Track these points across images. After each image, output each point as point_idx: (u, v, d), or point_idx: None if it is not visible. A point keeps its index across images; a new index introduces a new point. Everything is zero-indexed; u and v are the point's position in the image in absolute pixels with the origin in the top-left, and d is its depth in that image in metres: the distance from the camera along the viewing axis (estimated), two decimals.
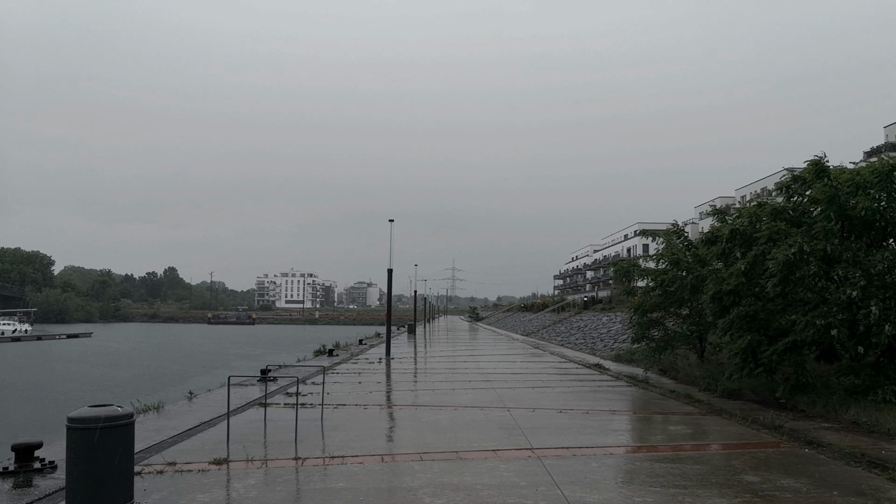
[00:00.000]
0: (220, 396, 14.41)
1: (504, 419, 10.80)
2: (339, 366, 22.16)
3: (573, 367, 21.35)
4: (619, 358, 23.50)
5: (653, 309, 18.01)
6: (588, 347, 30.37)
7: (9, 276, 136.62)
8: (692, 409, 12.08)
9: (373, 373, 19.61)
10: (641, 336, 18.45)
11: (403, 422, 10.99)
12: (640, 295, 18.90)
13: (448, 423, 10.52)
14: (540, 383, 16.50)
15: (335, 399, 13.50)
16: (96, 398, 26.31)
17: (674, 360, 18.32)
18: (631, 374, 18.55)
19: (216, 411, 12.05)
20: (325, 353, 27.95)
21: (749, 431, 9.74)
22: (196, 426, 10.56)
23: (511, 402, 12.84)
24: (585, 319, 44.25)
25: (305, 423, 10.50)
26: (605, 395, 14.52)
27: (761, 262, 12.26)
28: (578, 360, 24.44)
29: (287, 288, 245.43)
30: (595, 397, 13.98)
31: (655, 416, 11.44)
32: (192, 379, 32.90)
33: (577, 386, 16.03)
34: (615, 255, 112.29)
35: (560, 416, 11.21)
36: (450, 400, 13.30)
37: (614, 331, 32.72)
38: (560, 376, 18.50)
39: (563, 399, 13.54)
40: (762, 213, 13.18)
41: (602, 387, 15.86)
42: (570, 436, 9.42)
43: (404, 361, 24.42)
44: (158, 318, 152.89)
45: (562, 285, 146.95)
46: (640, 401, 13.66)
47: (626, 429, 10.44)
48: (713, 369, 15.74)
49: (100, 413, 5.62)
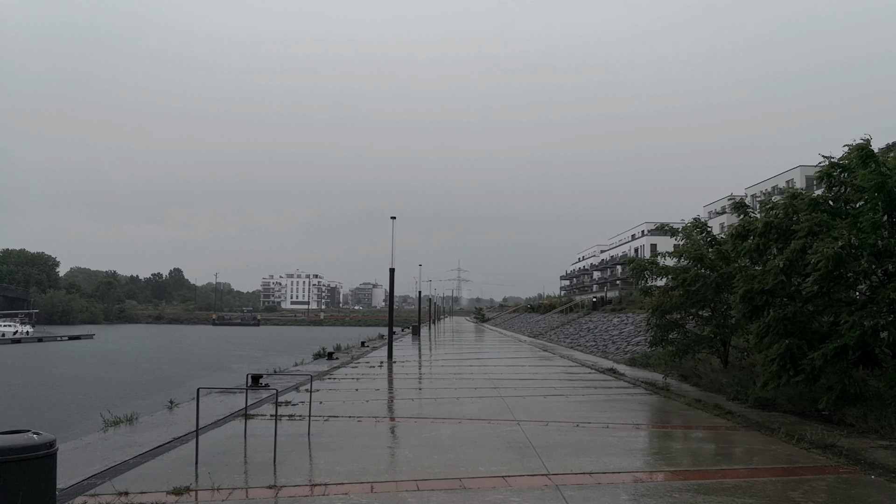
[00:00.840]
0: (207, 404, 13.23)
1: (514, 435, 9.55)
2: (337, 370, 20.96)
3: (585, 373, 20.07)
4: (635, 362, 22.20)
5: (672, 310, 16.71)
6: (599, 350, 29.06)
7: (13, 278, 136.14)
8: (725, 423, 10.79)
9: (372, 378, 18.38)
10: (660, 339, 17.15)
11: (401, 438, 9.76)
12: (659, 295, 17.60)
13: (451, 440, 9.28)
14: (551, 391, 15.24)
15: (327, 409, 12.29)
16: (74, 402, 25.14)
17: (695, 366, 17.01)
18: (649, 379, 17.26)
19: (200, 422, 10.86)
20: (324, 357, 26.76)
21: (798, 451, 8.45)
22: (167, 442, 9.37)
23: (521, 414, 11.59)
24: (595, 321, 42.92)
25: (290, 440, 9.29)
26: (624, 404, 13.24)
27: (801, 258, 10.96)
28: (590, 364, 23.15)
29: (292, 289, 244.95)
30: (613, 407, 12.70)
31: (685, 432, 10.16)
32: (187, 382, 31.78)
33: (591, 394, 14.75)
34: (623, 255, 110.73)
35: (577, 432, 9.95)
36: (454, 411, 12.06)
37: (626, 333, 31.40)
38: (572, 383, 17.23)
39: (578, 410, 12.27)
40: (799, 204, 11.88)
41: (620, 395, 14.58)
42: (591, 457, 8.17)
43: (406, 365, 23.19)
44: (163, 320, 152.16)
45: (568, 286, 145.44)
46: (665, 412, 12.37)
47: (655, 447, 9.15)
48: (741, 376, 14.44)
49: (3, 443, 4.41)
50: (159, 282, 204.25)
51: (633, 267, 17.55)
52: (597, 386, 16.34)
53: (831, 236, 10.47)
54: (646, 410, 12.62)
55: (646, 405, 13.20)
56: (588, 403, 13.20)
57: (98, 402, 22.28)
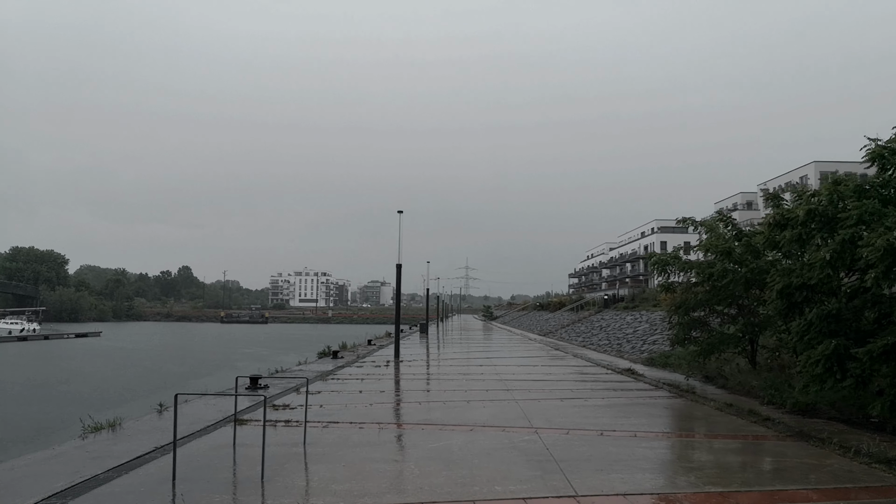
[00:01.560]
0: (198, 409, 12.34)
1: (532, 446, 8.56)
2: (341, 370, 20.04)
3: (602, 373, 19.04)
4: (653, 362, 21.14)
5: (697, 307, 15.65)
6: (614, 349, 27.99)
7: (23, 275, 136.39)
8: (765, 432, 9.75)
9: (377, 379, 17.44)
10: (683, 338, 16.10)
11: (406, 449, 8.79)
12: (681, 291, 16.55)
13: (462, 451, 8.31)
14: (568, 393, 14.23)
15: (328, 414, 11.35)
16: (66, 403, 24.24)
17: (720, 366, 15.96)
18: (671, 381, 16.22)
19: (186, 429, 9.94)
20: (328, 356, 25.83)
21: (858, 467, 7.42)
22: (148, 452, 8.44)
23: (538, 420, 10.60)
24: (607, 318, 41.81)
25: (283, 451, 8.35)
26: (649, 409, 12.22)
27: (849, 250, 9.91)
28: (606, 363, 22.11)
29: (301, 287, 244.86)
30: (638, 413, 11.68)
31: (723, 442, 9.13)
32: (189, 382, 31.04)
33: (612, 397, 13.74)
34: (632, 253, 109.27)
35: (602, 442, 8.95)
36: (464, 416, 11.08)
37: (641, 331, 30.31)
38: (589, 384, 16.21)
39: (600, 415, 11.27)
40: (845, 190, 10.81)
41: (642, 398, 13.55)
42: (621, 473, 7.17)
43: (414, 365, 22.24)
44: (172, 317, 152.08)
45: (577, 284, 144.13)
46: (695, 418, 11.33)
47: (693, 461, 8.13)
48: (773, 378, 13.38)
49: None
50: (168, 279, 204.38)
51: (655, 262, 16.49)
52: (616, 388, 15.32)
53: (884, 225, 9.42)
54: (674, 416, 11.60)
55: (673, 410, 12.17)
56: (610, 408, 12.18)
57: (91, 403, 21.51)
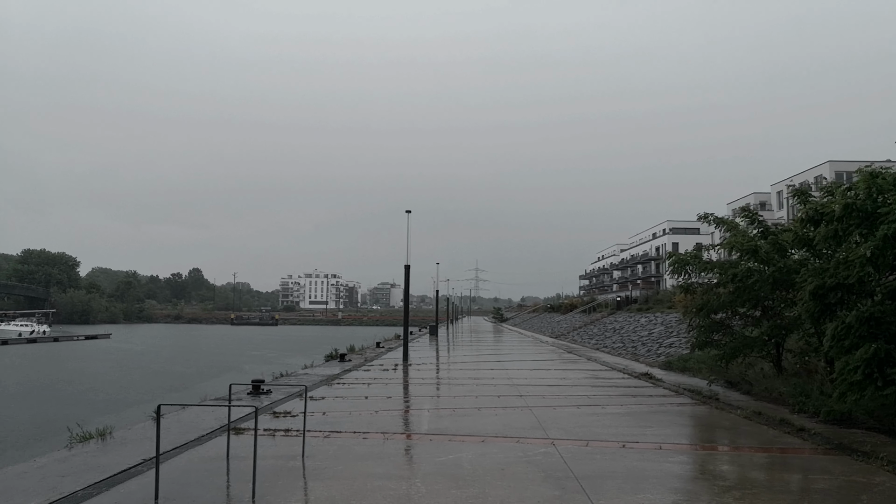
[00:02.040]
0: (195, 416, 11.73)
1: (550, 461, 7.86)
2: (347, 374, 19.42)
3: (618, 377, 18.28)
4: (670, 366, 20.35)
5: (719, 309, 14.88)
6: (629, 352, 27.20)
7: (34, 277, 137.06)
8: (802, 444, 9.00)
9: (384, 383, 16.79)
10: (704, 341, 15.33)
11: (412, 463, 8.12)
12: (701, 292, 15.78)
13: (473, 466, 7.63)
14: (585, 399, 13.51)
15: (330, 422, 10.71)
16: (65, 407, 23.69)
17: (744, 371, 15.17)
18: (691, 386, 15.46)
19: (179, 439, 9.36)
20: (335, 359, 25.23)
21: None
22: (135, 465, 7.84)
23: (554, 430, 9.90)
24: (620, 321, 40.96)
25: (278, 464, 7.72)
26: (672, 417, 11.48)
27: (892, 246, 9.15)
28: (622, 367, 21.34)
29: (311, 289, 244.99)
30: (661, 422, 10.95)
31: (758, 456, 8.38)
32: (195, 385, 30.57)
33: (631, 404, 13.00)
34: (644, 255, 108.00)
35: (626, 455, 8.23)
36: (475, 425, 10.40)
37: (656, 334, 29.48)
38: (606, 389, 15.48)
39: (620, 424, 10.54)
40: (883, 183, 10.03)
41: (664, 405, 12.80)
42: (651, 493, 6.46)
43: (422, 368, 21.58)
44: (182, 319, 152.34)
45: (588, 285, 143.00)
46: (723, 428, 10.57)
47: (730, 479, 7.35)
48: (802, 384, 12.58)
49: None
50: (179, 282, 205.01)
51: (674, 262, 15.72)
52: (635, 394, 14.57)
53: None
54: (700, 426, 10.85)
55: (697, 419, 11.41)
56: (629, 416, 11.45)
57: (91, 406, 21.03)
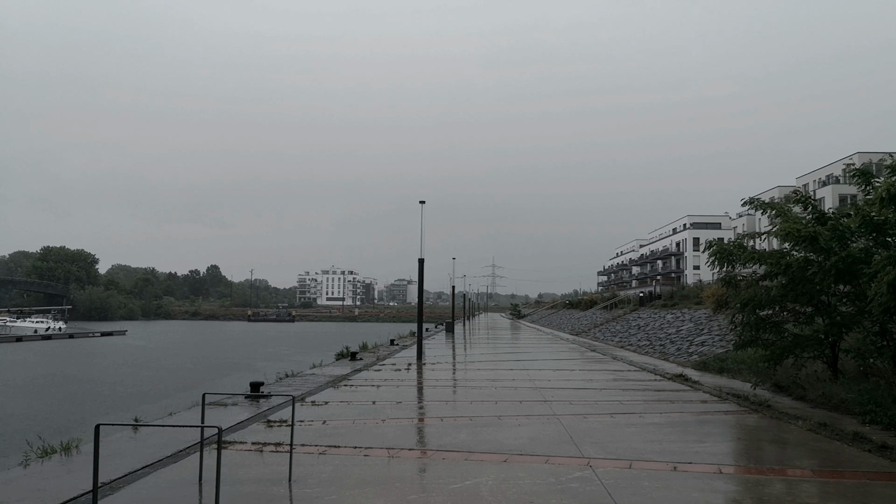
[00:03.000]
0: (181, 422, 10.48)
1: (589, 489, 6.41)
2: (357, 374, 18.12)
3: (651, 379, 16.75)
4: (706, 366, 18.75)
5: (769, 304, 13.27)
6: (657, 351, 25.58)
7: (54, 275, 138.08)
8: (892, 466, 7.45)
9: (395, 386, 15.42)
10: (749, 340, 13.75)
11: (419, 492, 6.70)
12: (745, 286, 14.19)
13: (494, 496, 6.20)
14: (617, 406, 12.02)
15: (330, 433, 9.35)
16: (54, 409, 22.54)
17: (795, 374, 13.56)
18: (734, 390, 13.92)
19: (155, 453, 8.06)
20: (347, 357, 23.96)
21: None
22: (84, 494, 6.49)
23: (588, 445, 8.45)
24: (644, 317, 39.24)
25: (260, 490, 6.37)
26: (724, 429, 9.97)
27: None
28: (651, 367, 19.79)
29: (328, 285, 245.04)
30: (711, 435, 9.44)
31: (850, 484, 6.84)
32: (202, 385, 29.51)
33: (671, 411, 11.49)
34: (663, 250, 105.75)
35: (681, 482, 6.75)
36: (495, 439, 8.98)
37: (685, 331, 27.81)
38: (640, 394, 13.97)
39: (665, 438, 9.05)
40: None
41: (709, 414, 11.27)
42: None
43: (437, 368, 20.19)
44: (200, 316, 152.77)
45: (606, 282, 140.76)
46: (789, 444, 9.00)
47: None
48: (871, 390, 10.98)
49: None
50: (197, 278, 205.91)
51: (715, 251, 14.12)
52: (672, 399, 13.05)
53: None
54: (760, 441, 9.31)
55: (754, 431, 9.87)
56: (673, 427, 9.95)
57: (82, 407, 19.96)
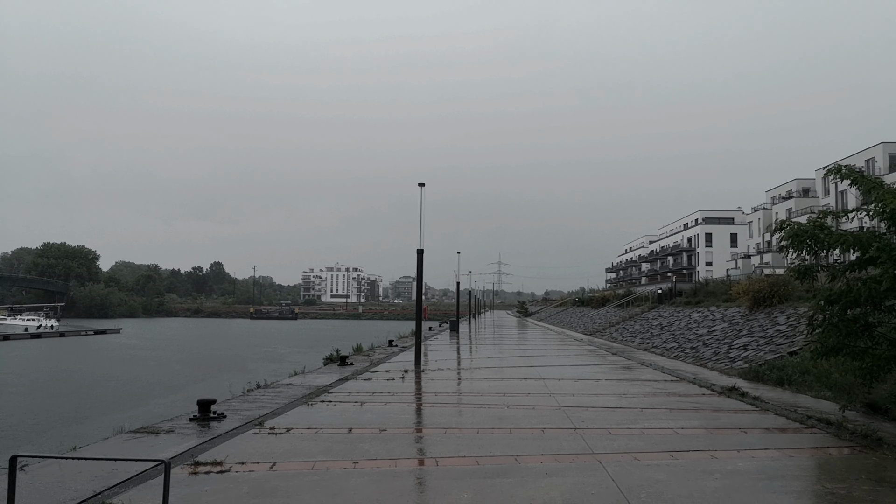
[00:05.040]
0: (126, 445, 7.57)
1: None
2: (344, 383, 15.20)
3: (698, 394, 13.74)
4: (759, 376, 15.68)
5: (867, 301, 10.23)
6: (689, 355, 22.52)
7: (54, 271, 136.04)
8: None
9: (383, 402, 12.44)
10: (839, 346, 10.70)
11: None
12: (827, 278, 11.15)
13: None
14: (675, 438, 9.02)
15: (270, 493, 6.37)
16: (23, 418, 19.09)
17: (893, 390, 10.54)
18: (812, 410, 10.93)
19: (81, 488, 5.10)
20: (335, 362, 21.03)
21: None
22: None
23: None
24: (666, 315, 36.13)
25: None
26: (844, 487, 6.95)
27: None
28: (691, 376, 16.79)
29: (332, 282, 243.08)
30: (831, 496, 6.44)
31: None
32: (188, 387, 26.79)
33: (752, 448, 8.47)
34: (675, 246, 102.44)
35: None
36: (515, 496, 5.99)
37: (719, 332, 24.72)
38: (693, 414, 10.98)
39: (775, 502, 6.05)
40: None
41: (804, 453, 8.24)
42: None
43: (437, 377, 17.21)
44: (202, 313, 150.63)
45: (615, 278, 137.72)
46: None
47: None
48: None
49: None
50: (200, 275, 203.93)
51: (790, 234, 11.03)
52: (741, 425, 10.04)
53: None
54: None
55: (886, 486, 6.84)
56: (771, 481, 6.91)
57: (50, 416, 17.19)
